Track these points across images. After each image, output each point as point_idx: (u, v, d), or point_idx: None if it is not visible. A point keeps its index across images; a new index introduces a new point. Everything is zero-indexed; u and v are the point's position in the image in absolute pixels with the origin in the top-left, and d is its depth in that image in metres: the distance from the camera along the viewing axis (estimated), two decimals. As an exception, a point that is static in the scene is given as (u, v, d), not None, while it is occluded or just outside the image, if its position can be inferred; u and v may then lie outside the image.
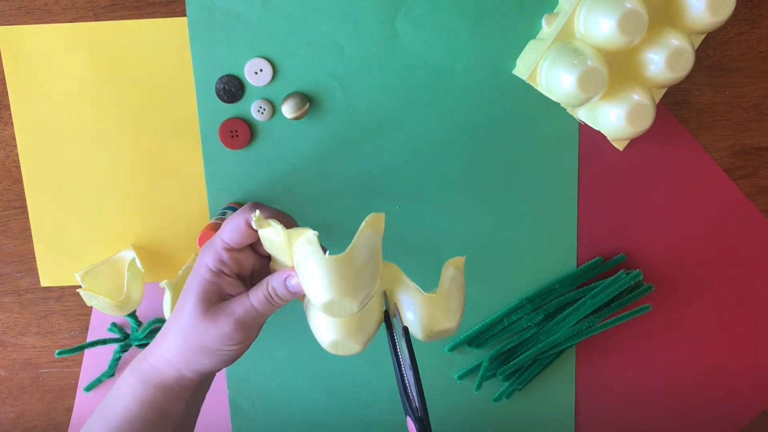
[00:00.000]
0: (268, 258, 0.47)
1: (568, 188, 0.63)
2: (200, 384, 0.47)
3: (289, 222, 0.46)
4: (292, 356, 0.66)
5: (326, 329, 0.44)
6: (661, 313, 0.65)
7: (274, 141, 0.61)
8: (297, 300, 0.46)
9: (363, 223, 0.42)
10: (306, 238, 0.41)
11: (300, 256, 0.41)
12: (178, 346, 0.45)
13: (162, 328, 0.47)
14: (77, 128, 0.62)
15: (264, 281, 0.44)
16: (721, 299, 0.65)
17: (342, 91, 0.61)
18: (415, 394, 0.42)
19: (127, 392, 0.46)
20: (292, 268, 0.43)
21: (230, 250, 0.44)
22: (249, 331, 0.44)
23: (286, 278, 0.43)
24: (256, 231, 0.44)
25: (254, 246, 0.46)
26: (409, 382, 0.42)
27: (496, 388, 0.65)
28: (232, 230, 0.44)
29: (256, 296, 0.44)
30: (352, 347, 0.44)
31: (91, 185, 0.63)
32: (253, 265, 0.46)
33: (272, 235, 0.43)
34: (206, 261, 0.44)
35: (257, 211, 0.43)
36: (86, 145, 0.62)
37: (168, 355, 0.45)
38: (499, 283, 0.64)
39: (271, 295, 0.44)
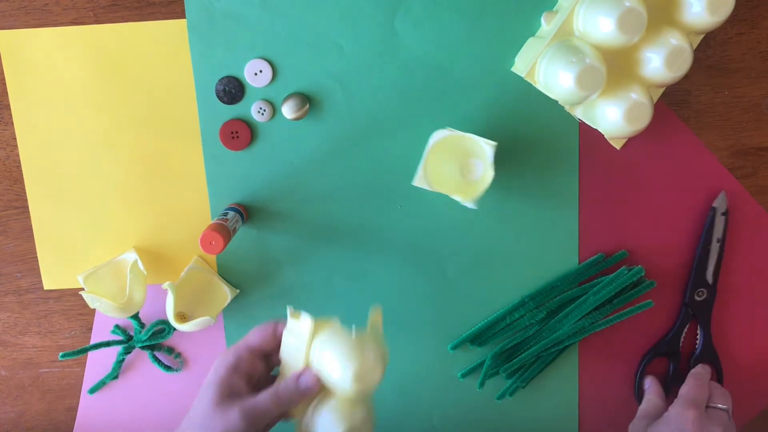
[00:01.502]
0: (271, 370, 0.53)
1: (569, 185, 0.63)
2: None
3: None
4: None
5: (336, 424, 0.48)
6: (662, 309, 0.65)
7: (275, 142, 0.61)
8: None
9: (371, 314, 0.51)
10: (332, 325, 0.49)
11: (326, 338, 0.48)
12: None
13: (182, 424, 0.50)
14: (78, 130, 0.62)
15: (275, 383, 0.49)
16: (723, 296, 0.65)
17: (342, 91, 0.61)
18: None
19: None
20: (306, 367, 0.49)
21: (249, 351, 0.50)
22: (254, 425, 0.47)
23: (299, 376, 0.49)
24: (277, 339, 0.50)
25: (267, 357, 0.51)
26: None
27: (500, 386, 0.65)
28: (259, 332, 0.51)
29: (266, 392, 0.48)
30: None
31: (92, 187, 0.63)
32: (261, 374, 0.51)
33: (298, 328, 0.49)
34: (227, 359, 0.49)
35: (290, 306, 0.50)
36: (87, 148, 0.62)
37: None
38: (501, 281, 0.64)
39: (280, 392, 0.48)
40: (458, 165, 0.58)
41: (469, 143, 0.57)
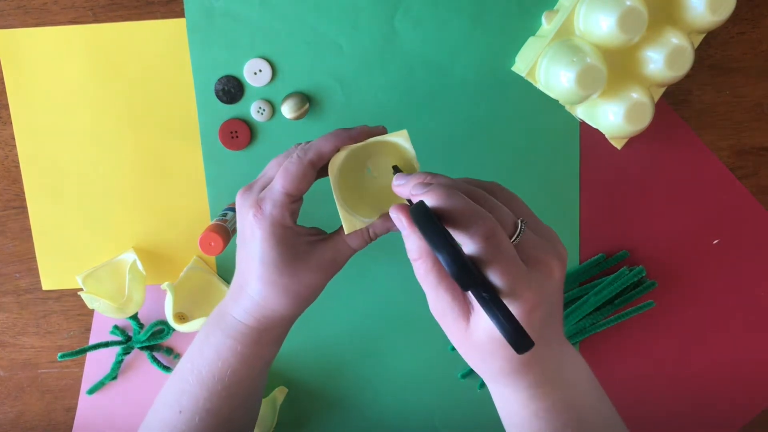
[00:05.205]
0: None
1: (570, 184, 0.63)
2: None
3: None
4: (295, 354, 0.66)
5: None
6: (664, 309, 0.65)
7: (274, 141, 0.61)
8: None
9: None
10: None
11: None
12: (288, 304, 0.46)
13: (241, 287, 0.46)
14: (77, 130, 0.61)
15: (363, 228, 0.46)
16: (724, 296, 0.65)
17: (342, 91, 0.61)
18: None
19: (230, 356, 0.47)
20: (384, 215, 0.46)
21: (291, 200, 0.45)
22: (335, 272, 0.47)
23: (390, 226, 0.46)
24: (316, 173, 0.45)
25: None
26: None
27: (498, 387, 0.65)
28: (297, 180, 0.44)
29: (356, 241, 0.47)
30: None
31: (91, 187, 0.62)
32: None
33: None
34: (278, 220, 0.44)
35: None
36: (86, 147, 0.62)
37: (279, 314, 0.46)
38: (500, 282, 0.64)
39: (371, 238, 0.47)
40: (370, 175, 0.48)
41: (366, 151, 0.47)
